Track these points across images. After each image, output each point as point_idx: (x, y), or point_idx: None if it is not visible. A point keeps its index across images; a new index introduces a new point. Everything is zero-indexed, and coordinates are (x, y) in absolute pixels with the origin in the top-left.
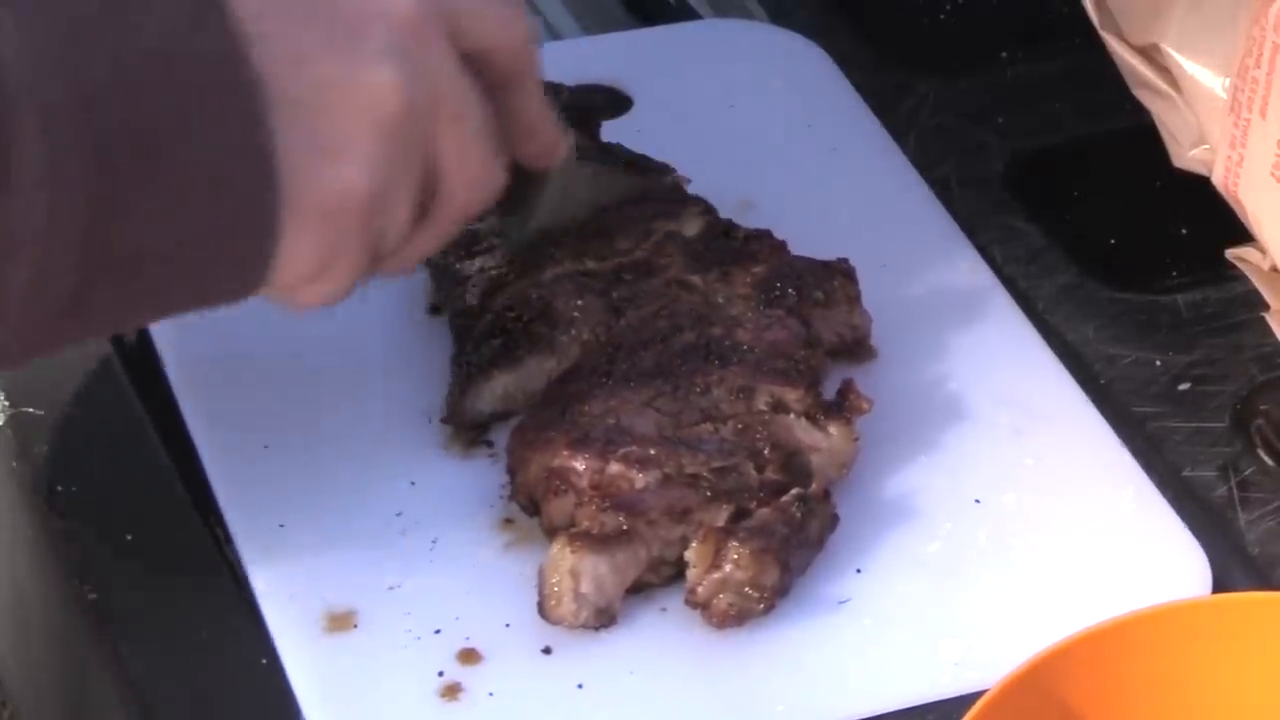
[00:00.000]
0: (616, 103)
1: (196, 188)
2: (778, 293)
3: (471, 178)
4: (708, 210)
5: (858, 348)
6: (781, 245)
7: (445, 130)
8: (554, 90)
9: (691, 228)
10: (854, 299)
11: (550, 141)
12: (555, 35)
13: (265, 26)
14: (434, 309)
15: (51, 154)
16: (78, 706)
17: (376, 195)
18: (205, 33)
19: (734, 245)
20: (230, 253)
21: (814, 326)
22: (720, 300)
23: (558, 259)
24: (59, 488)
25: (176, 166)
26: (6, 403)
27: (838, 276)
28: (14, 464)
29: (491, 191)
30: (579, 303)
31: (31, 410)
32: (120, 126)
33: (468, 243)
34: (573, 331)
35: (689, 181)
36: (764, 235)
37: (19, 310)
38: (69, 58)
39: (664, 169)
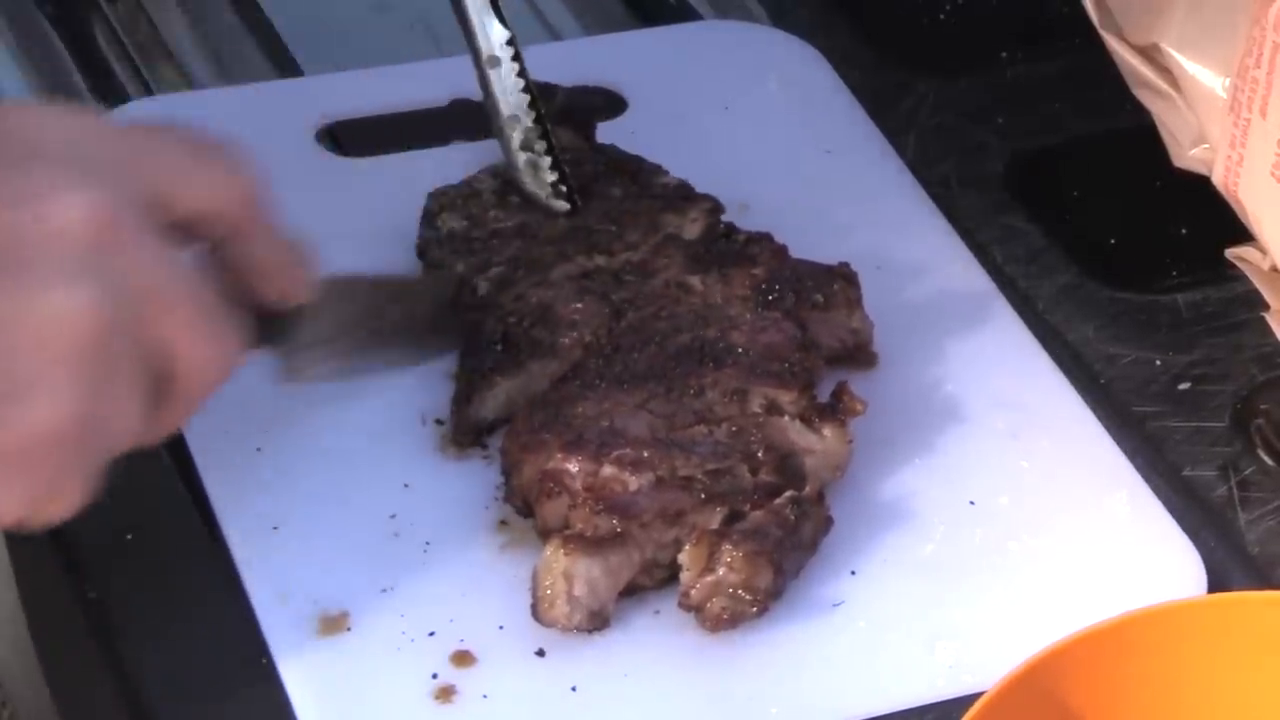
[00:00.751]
0: (612, 105)
1: None
2: (776, 295)
3: (205, 357)
4: (715, 208)
5: (859, 353)
6: (782, 249)
7: (162, 323)
8: (549, 92)
9: (692, 230)
10: (854, 303)
11: (292, 282)
12: (555, 35)
13: None
14: None
15: None
16: (78, 706)
17: (78, 423)
18: None
19: (734, 248)
20: None
21: (813, 330)
22: (719, 302)
23: (568, 255)
24: None
25: None
26: None
27: (838, 280)
28: None
29: (231, 363)
30: (579, 306)
31: None
32: None
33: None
34: (574, 334)
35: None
36: (765, 238)
37: None
38: None
39: (656, 169)
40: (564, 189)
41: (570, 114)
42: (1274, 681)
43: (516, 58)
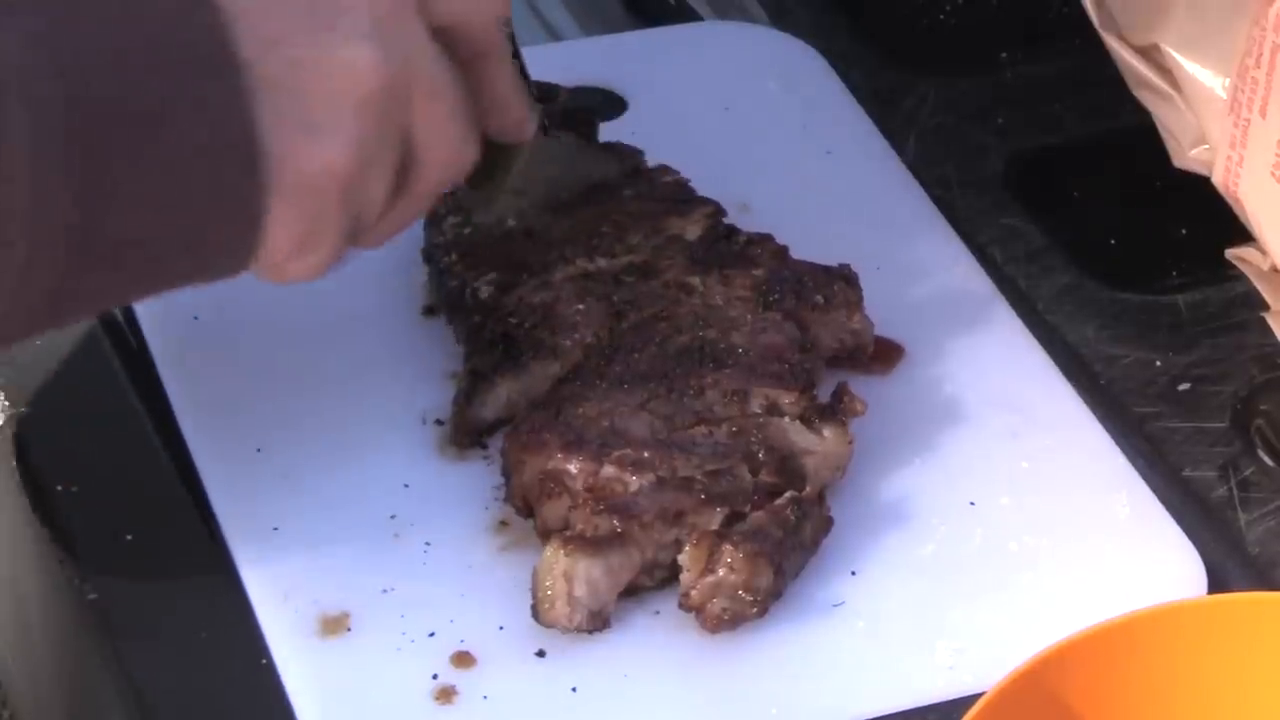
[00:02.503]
0: (612, 105)
1: (182, 172)
2: (776, 296)
3: (446, 155)
4: (717, 211)
5: (860, 354)
6: (783, 250)
7: (420, 108)
8: (550, 91)
9: (694, 231)
10: (854, 304)
11: (520, 117)
12: (555, 35)
13: (243, 9)
14: (429, 310)
15: (37, 141)
16: (78, 706)
17: (356, 171)
18: (189, 18)
19: (735, 249)
20: (217, 234)
21: (813, 331)
22: (719, 303)
23: (569, 257)
24: (59, 488)
25: (161, 152)
26: (6, 403)
27: (838, 281)
28: (14, 464)
29: (465, 168)
30: (580, 307)
31: (31, 410)
32: (105, 113)
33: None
34: (575, 336)
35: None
36: (766, 239)
37: (9, 295)
38: (56, 45)
39: (635, 152)
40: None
41: (572, 114)
42: (1274, 681)
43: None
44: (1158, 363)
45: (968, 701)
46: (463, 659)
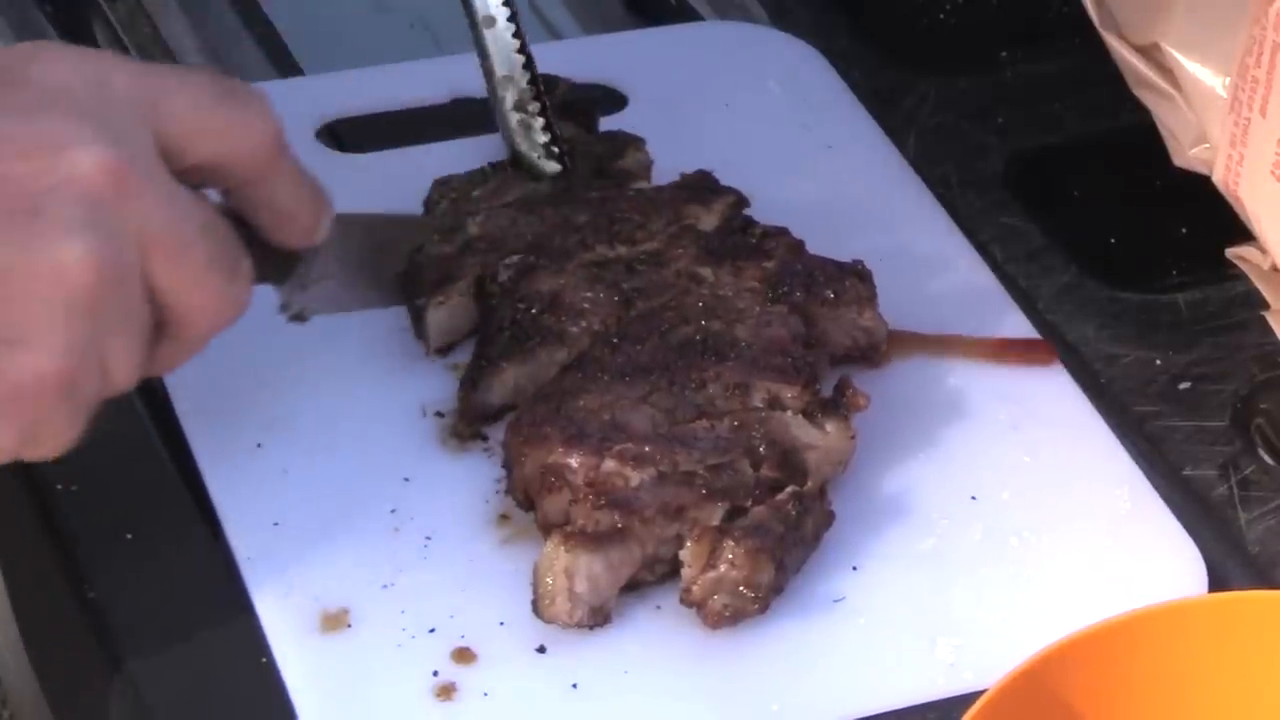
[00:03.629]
0: (613, 104)
1: None
2: (785, 289)
3: (207, 304)
4: (739, 201)
5: (872, 353)
6: (798, 244)
7: (165, 270)
8: (551, 83)
9: (711, 220)
10: (865, 301)
11: (307, 225)
12: (556, 34)
13: None
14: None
15: None
16: (78, 707)
17: (72, 372)
18: None
19: (749, 241)
20: None
21: (824, 328)
22: (728, 294)
23: (589, 243)
24: (59, 488)
25: None
26: None
27: (850, 277)
28: (14, 464)
29: (236, 308)
30: (589, 294)
31: None
32: None
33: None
34: (583, 323)
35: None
36: (782, 233)
37: None
38: None
39: (637, 140)
40: (555, 150)
41: (572, 105)
42: (1274, 681)
43: (513, 18)
44: (1158, 362)
45: (968, 699)
46: (463, 655)
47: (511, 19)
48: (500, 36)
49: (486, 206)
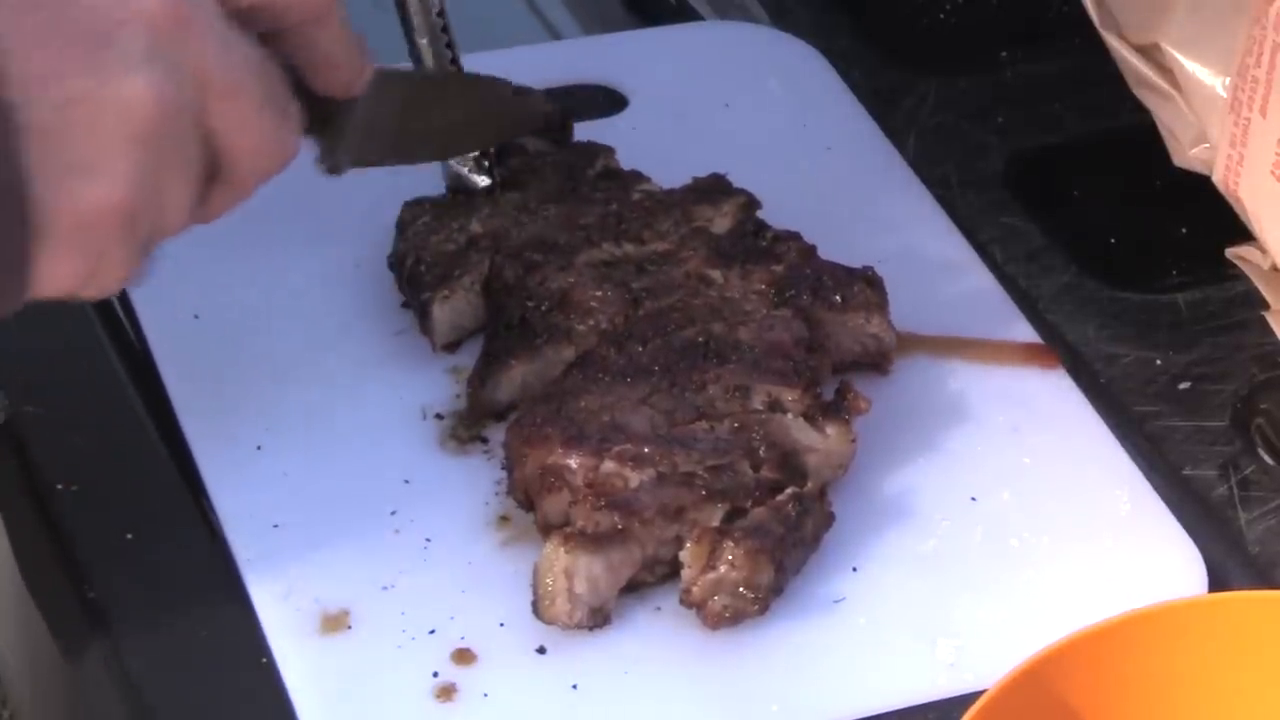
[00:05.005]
0: (612, 104)
1: None
2: (792, 293)
3: (256, 148)
4: (750, 202)
5: (881, 360)
6: (810, 249)
7: (219, 110)
8: (524, 93)
9: (723, 222)
10: (874, 307)
11: (353, 71)
12: (555, 35)
13: (9, 44)
14: (406, 305)
15: None
16: (78, 706)
17: (136, 202)
18: None
19: (760, 244)
20: None
21: (832, 333)
22: (735, 297)
23: (595, 241)
24: (59, 487)
25: None
26: (6, 402)
27: (859, 282)
28: (14, 464)
29: (286, 153)
30: (597, 293)
31: (31, 410)
32: None
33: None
34: (590, 321)
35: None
36: (793, 237)
37: None
38: None
39: (606, 149)
40: (485, 164)
41: (551, 116)
42: (1274, 681)
43: (445, 29)
44: (1158, 361)
45: (968, 699)
46: (463, 656)
47: (444, 30)
48: (431, 48)
49: (490, 204)
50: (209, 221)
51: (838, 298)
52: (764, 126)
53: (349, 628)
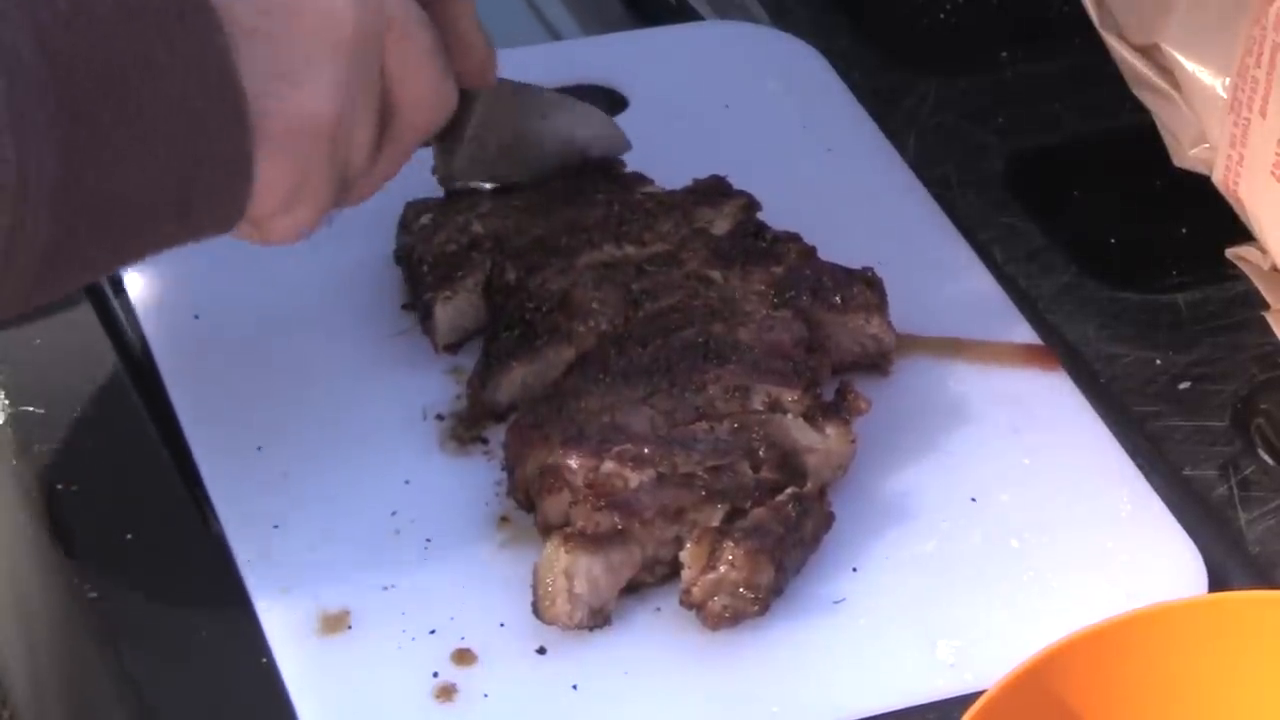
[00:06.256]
0: (612, 104)
1: (167, 125)
2: (791, 294)
3: (424, 96)
4: (750, 204)
5: (881, 360)
6: (810, 250)
7: (395, 51)
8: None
9: (723, 224)
10: (874, 308)
11: (485, 58)
12: (555, 35)
13: None
14: (407, 306)
15: (15, 101)
16: (78, 706)
17: (340, 117)
18: None
19: (761, 246)
20: (207, 188)
21: (832, 334)
22: (735, 298)
23: (596, 242)
24: (59, 487)
25: (145, 106)
26: (6, 402)
27: (859, 283)
28: (14, 464)
29: (446, 108)
30: (598, 294)
31: (31, 410)
32: (84, 69)
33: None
34: (590, 323)
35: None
36: (793, 238)
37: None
38: (27, 4)
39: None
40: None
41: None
42: (1274, 681)
43: None
44: (1158, 362)
45: (968, 699)
46: (463, 656)
47: None
48: None
49: (491, 204)
50: (371, 191)
51: (838, 299)
52: (764, 127)
53: (349, 628)
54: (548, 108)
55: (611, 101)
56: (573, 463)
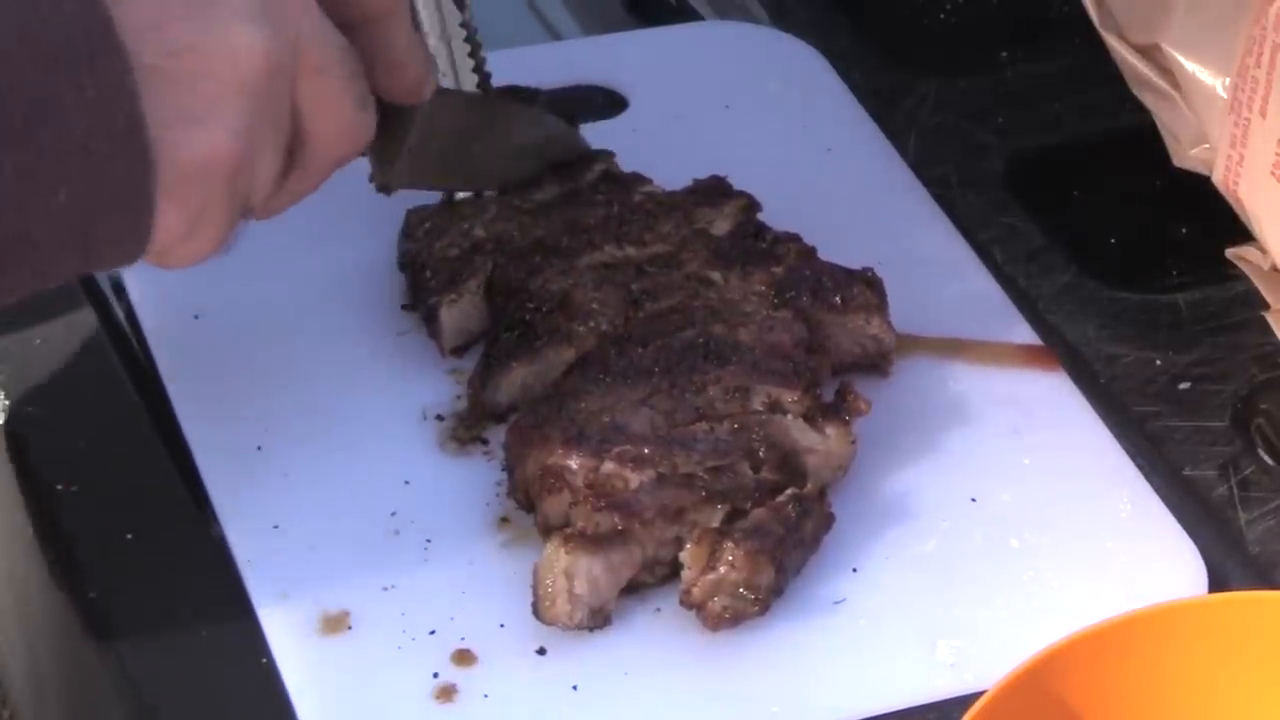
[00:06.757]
0: (612, 105)
1: (72, 166)
2: (791, 294)
3: (338, 129)
4: (750, 205)
5: (882, 361)
6: (810, 250)
7: (308, 84)
8: (529, 94)
9: (724, 224)
10: (874, 309)
11: (417, 78)
12: (555, 35)
13: None
14: (408, 306)
15: None
16: (78, 706)
17: (242, 156)
18: (64, 5)
19: (760, 246)
20: (108, 227)
21: (832, 334)
22: (735, 298)
23: (597, 243)
24: (59, 488)
25: (51, 146)
26: (6, 402)
27: (859, 284)
28: (14, 464)
29: (359, 140)
30: (597, 295)
31: (31, 410)
32: None
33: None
34: (591, 323)
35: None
36: (793, 239)
37: None
38: None
39: (606, 154)
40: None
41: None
42: (1274, 681)
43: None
44: (1158, 362)
45: (968, 700)
46: (463, 657)
47: (468, 40)
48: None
49: (493, 208)
50: (277, 212)
51: (838, 299)
52: (764, 128)
53: (349, 628)
54: (494, 116)
55: (612, 102)
56: (573, 463)
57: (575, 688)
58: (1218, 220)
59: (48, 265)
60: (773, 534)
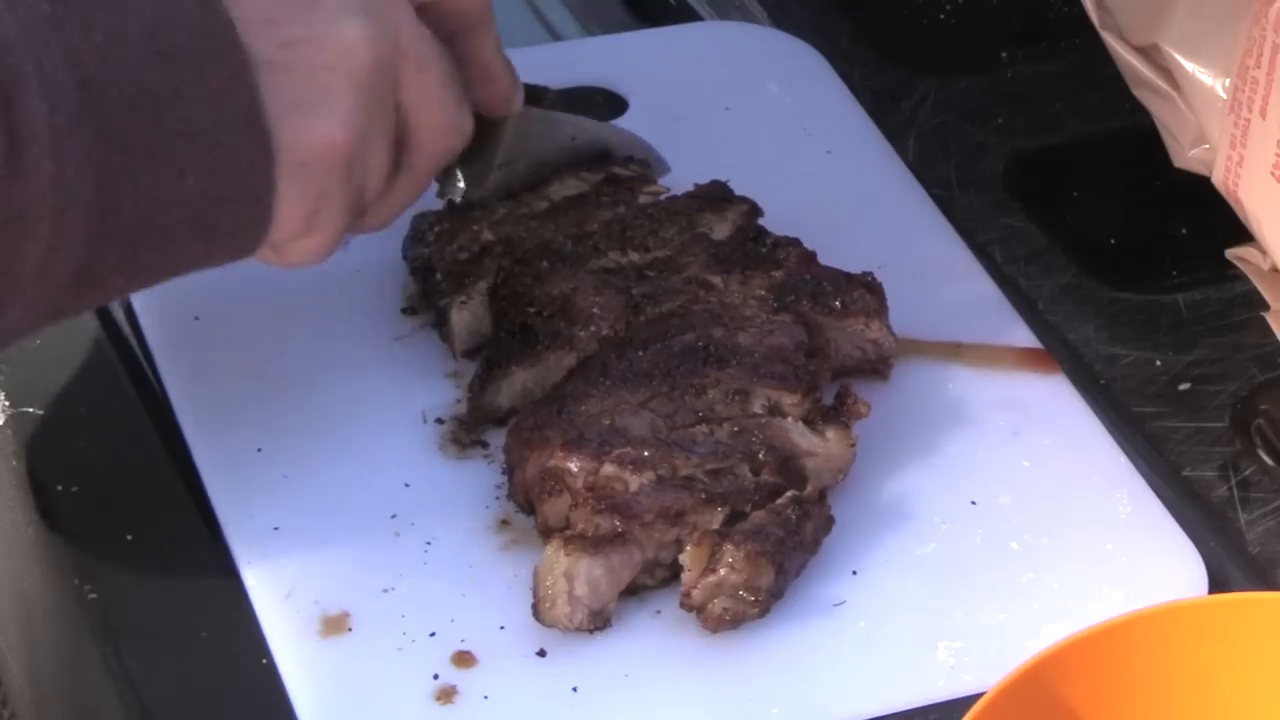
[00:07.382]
0: (612, 105)
1: (196, 155)
2: (791, 298)
3: (440, 125)
4: (753, 210)
5: (882, 365)
6: (809, 255)
7: (410, 81)
8: (539, 93)
9: (724, 229)
10: (874, 313)
11: (507, 86)
12: (555, 35)
13: None
14: (409, 310)
15: (56, 130)
16: (78, 706)
17: (356, 145)
18: (189, 2)
19: (761, 250)
20: (231, 215)
21: (832, 338)
22: (735, 302)
23: (602, 248)
24: (59, 488)
25: (176, 136)
26: (7, 402)
27: (859, 288)
28: (14, 464)
29: (461, 137)
30: (598, 299)
31: (31, 410)
32: (119, 100)
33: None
34: (591, 328)
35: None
36: (793, 243)
37: (33, 284)
38: (64, 34)
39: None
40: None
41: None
42: (1274, 681)
43: None
44: (1158, 362)
45: (968, 701)
46: (463, 659)
47: None
48: None
49: (501, 210)
50: (386, 221)
51: (837, 303)
52: (764, 129)
53: (349, 630)
54: (578, 131)
55: (612, 102)
56: (573, 465)
57: (575, 690)
58: (1218, 220)
59: (174, 252)
60: (773, 536)
